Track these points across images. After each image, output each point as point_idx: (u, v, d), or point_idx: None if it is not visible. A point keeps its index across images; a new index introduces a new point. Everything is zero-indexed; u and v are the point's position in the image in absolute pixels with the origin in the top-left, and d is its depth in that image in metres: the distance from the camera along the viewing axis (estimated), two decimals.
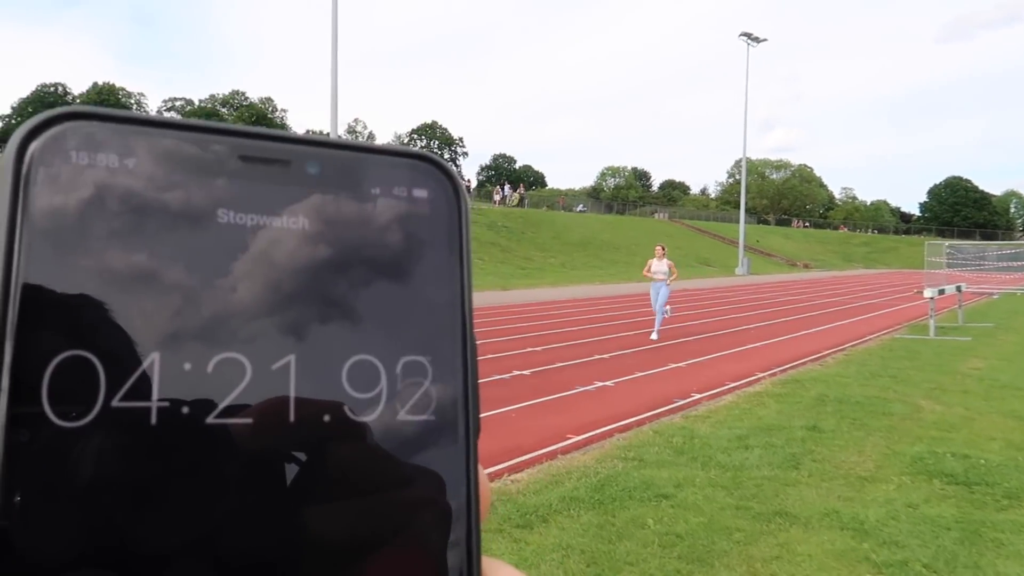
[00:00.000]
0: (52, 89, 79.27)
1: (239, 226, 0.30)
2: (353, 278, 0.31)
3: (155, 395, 0.27)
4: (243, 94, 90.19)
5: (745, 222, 47.79)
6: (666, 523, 4.43)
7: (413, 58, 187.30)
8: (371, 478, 0.30)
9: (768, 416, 7.25)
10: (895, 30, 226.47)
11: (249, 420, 0.28)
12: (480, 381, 0.34)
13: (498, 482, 5.24)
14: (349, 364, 0.30)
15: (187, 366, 0.28)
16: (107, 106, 0.31)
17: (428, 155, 0.34)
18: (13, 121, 75.65)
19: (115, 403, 0.26)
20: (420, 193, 0.33)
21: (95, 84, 78.56)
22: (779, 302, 22.71)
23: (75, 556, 0.25)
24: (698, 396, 8.36)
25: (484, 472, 0.33)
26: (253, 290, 0.29)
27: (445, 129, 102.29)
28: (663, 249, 14.19)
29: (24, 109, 76.78)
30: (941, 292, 14.71)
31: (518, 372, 9.54)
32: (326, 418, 0.30)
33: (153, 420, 0.27)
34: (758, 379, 9.47)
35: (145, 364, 0.27)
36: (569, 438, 6.47)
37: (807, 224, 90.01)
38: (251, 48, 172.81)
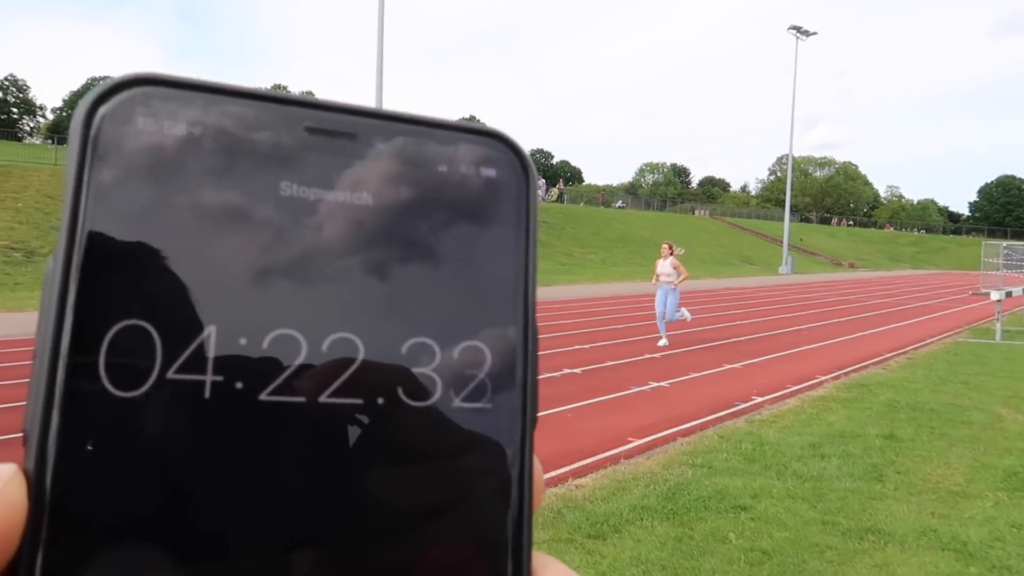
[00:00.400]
0: (101, 82, 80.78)
1: (302, 199, 0.29)
2: (416, 258, 0.30)
3: (210, 369, 0.27)
4: (284, 88, 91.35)
5: (794, 220, 46.78)
6: (749, 538, 4.14)
7: (452, 52, 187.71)
8: (422, 457, 0.29)
9: (839, 423, 6.89)
10: (946, 25, 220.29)
11: (302, 399, 0.28)
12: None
13: (562, 487, 4.99)
14: (407, 346, 0.29)
15: (243, 341, 0.27)
16: None
17: (499, 132, 0.33)
18: (64, 114, 77.48)
19: (170, 375, 0.26)
20: (488, 172, 0.32)
21: None
22: (829, 302, 22.06)
23: (127, 525, 0.25)
24: (760, 399, 8.01)
25: (539, 463, 0.31)
26: (313, 266, 0.28)
27: (483, 124, 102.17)
28: (669, 248, 12.11)
29: (74, 102, 78.48)
30: (1009, 294, 14.05)
31: (568, 370, 9.28)
32: (384, 387, 0.29)
33: (207, 394, 0.27)
34: (820, 382, 9.08)
35: (201, 337, 0.27)
36: (630, 441, 6.20)
37: (851, 223, 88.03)
38: (292, 42, 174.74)
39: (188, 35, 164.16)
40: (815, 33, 45.35)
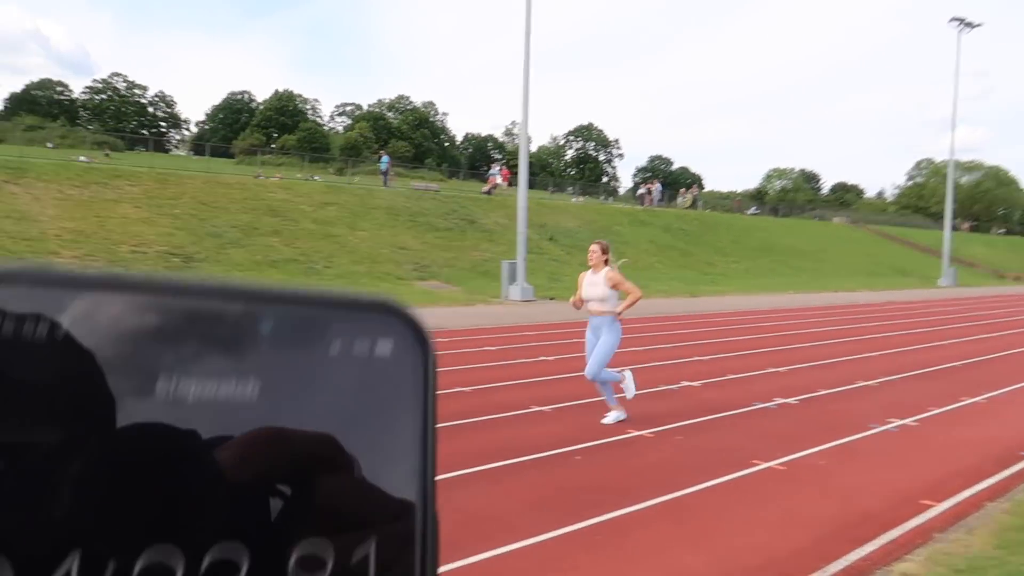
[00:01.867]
0: (240, 96, 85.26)
1: (180, 397, 0.26)
2: (306, 453, 0.28)
3: None
4: (407, 98, 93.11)
5: (938, 228, 42.80)
6: None
7: (570, 59, 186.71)
8: None
9: None
10: None
11: None
12: (738, 410, 0.29)
13: None
14: (296, 556, 0.27)
15: (112, 564, 0.24)
16: (285, 111, 0.28)
17: (391, 304, 0.30)
18: (207, 127, 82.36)
19: None
20: (383, 347, 0.30)
21: (276, 91, 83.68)
22: (1020, 321, 19.44)
23: None
24: None
25: None
26: (190, 470, 0.26)
27: (600, 131, 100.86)
28: (602, 250, 6.83)
29: (216, 115, 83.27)
30: None
31: (781, 400, 8.00)
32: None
33: None
34: None
35: (65, 566, 0.24)
36: (928, 505, 4.91)
37: (1001, 230, 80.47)
38: (415, 54, 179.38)
39: (317, 49, 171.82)
40: (979, 24, 41.18)
